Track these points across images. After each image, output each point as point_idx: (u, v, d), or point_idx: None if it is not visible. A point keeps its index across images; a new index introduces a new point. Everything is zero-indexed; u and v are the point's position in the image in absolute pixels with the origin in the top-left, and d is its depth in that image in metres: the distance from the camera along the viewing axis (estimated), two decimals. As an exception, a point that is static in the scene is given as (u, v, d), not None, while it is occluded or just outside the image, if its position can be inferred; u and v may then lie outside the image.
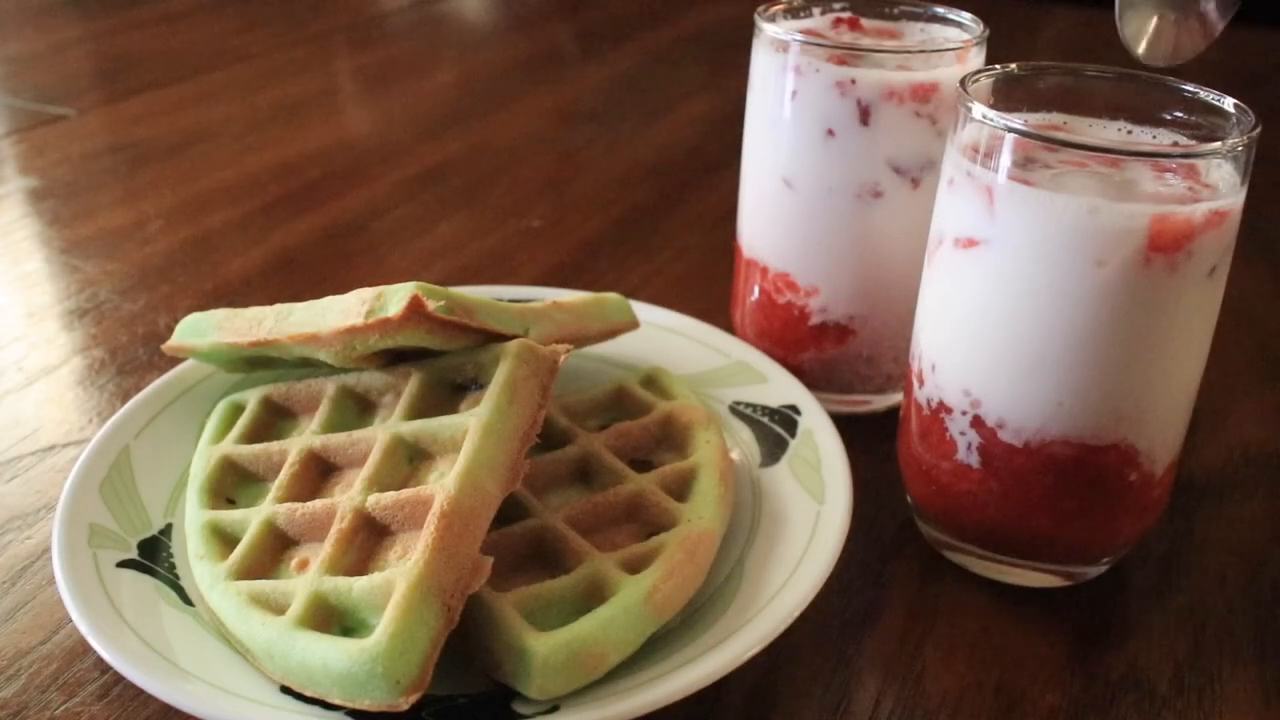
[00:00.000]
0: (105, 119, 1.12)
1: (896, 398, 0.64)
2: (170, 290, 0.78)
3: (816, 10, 0.63)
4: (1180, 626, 0.51)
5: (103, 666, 0.46)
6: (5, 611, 0.50)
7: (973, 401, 0.49)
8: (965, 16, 0.61)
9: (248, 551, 0.46)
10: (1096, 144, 0.44)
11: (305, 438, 0.49)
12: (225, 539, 0.47)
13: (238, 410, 0.54)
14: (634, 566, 0.45)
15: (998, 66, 0.51)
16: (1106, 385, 0.46)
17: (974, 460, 0.50)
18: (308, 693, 0.40)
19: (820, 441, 0.54)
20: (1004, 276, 0.46)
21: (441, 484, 0.43)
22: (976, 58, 0.58)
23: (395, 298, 0.46)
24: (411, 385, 0.49)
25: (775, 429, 0.56)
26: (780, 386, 0.59)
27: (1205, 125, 0.48)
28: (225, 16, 1.50)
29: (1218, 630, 0.51)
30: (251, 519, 0.47)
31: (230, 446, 0.51)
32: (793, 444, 0.55)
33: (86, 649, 0.47)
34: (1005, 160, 0.45)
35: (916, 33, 0.62)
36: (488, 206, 0.94)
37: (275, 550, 0.46)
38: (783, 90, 0.58)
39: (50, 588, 0.51)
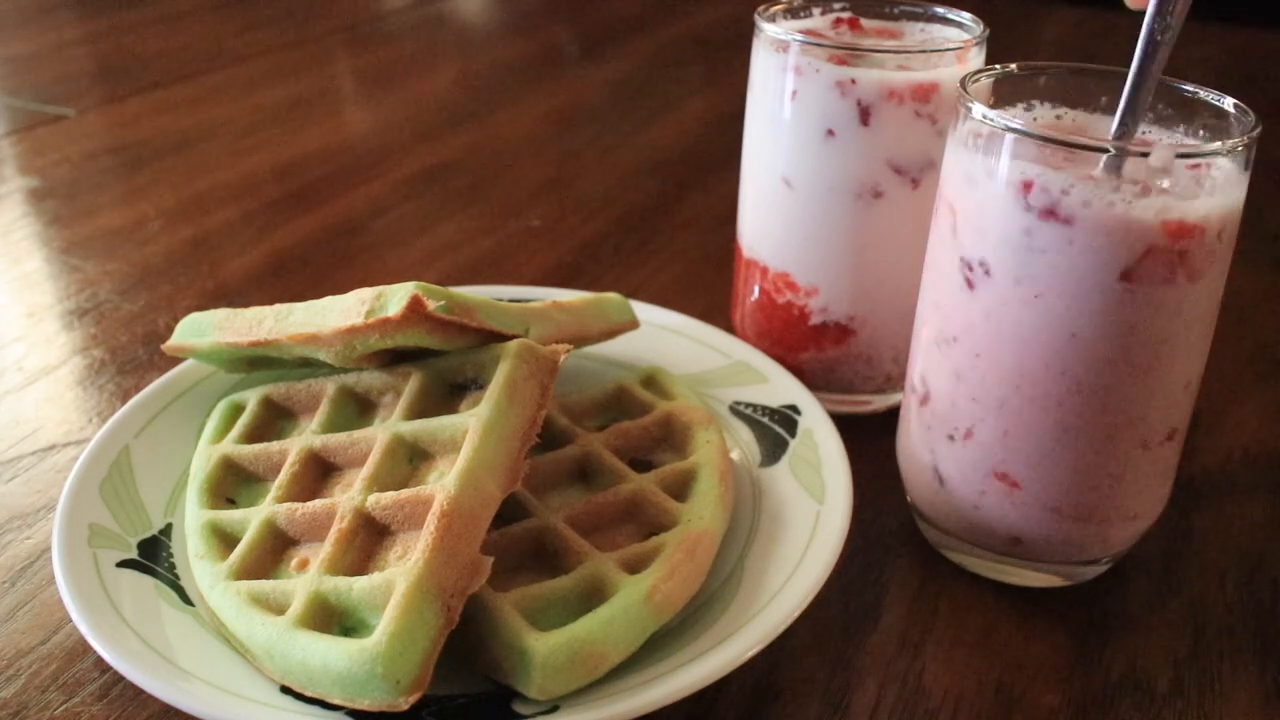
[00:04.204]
0: (105, 119, 1.12)
1: (896, 398, 0.64)
2: (170, 290, 0.78)
3: (816, 10, 0.63)
4: (1180, 626, 0.51)
5: (103, 666, 0.46)
6: (5, 611, 0.50)
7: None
8: (965, 16, 0.61)
9: (248, 551, 0.46)
10: (1096, 144, 0.44)
11: (305, 438, 0.49)
12: (225, 539, 0.47)
13: (238, 410, 0.54)
14: (634, 566, 0.45)
15: (998, 66, 0.51)
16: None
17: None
18: (308, 693, 0.41)
19: (820, 441, 0.54)
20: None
21: (441, 484, 0.43)
22: (976, 58, 0.58)
23: (395, 298, 0.46)
24: (411, 385, 0.49)
25: (775, 429, 0.56)
26: (780, 386, 0.59)
27: (1205, 125, 0.48)
28: (225, 16, 1.50)
29: (1218, 630, 0.51)
30: (251, 519, 0.47)
31: (230, 446, 0.51)
32: (793, 444, 0.55)
33: (86, 649, 0.47)
34: (1004, 161, 0.45)
35: (916, 33, 0.62)
36: (488, 206, 0.94)
37: (275, 550, 0.46)
38: (783, 90, 0.58)
39: (50, 588, 0.51)
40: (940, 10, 0.62)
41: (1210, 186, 0.44)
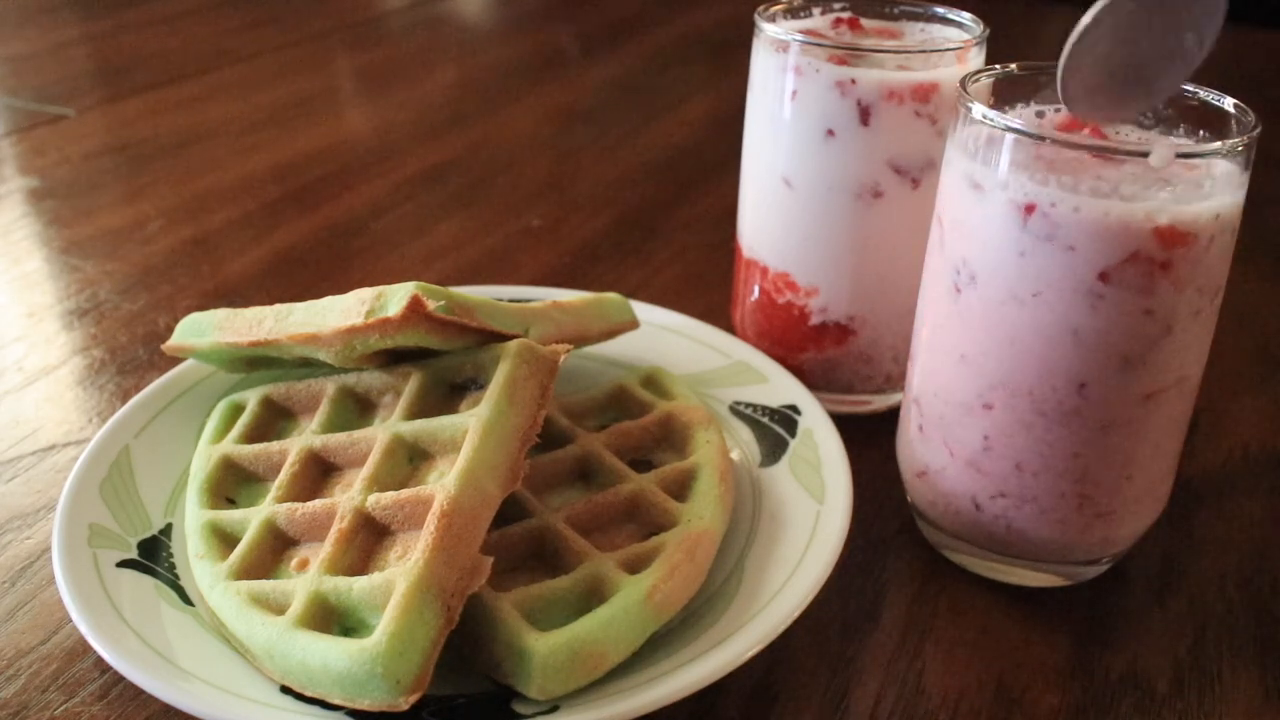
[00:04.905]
0: (105, 119, 1.12)
1: (896, 398, 0.64)
2: (170, 290, 0.78)
3: (816, 10, 0.63)
4: (1180, 626, 0.51)
5: (103, 666, 0.46)
6: (5, 611, 0.50)
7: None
8: (965, 16, 0.61)
9: (248, 551, 0.46)
10: (1097, 144, 0.44)
11: (305, 438, 0.49)
12: (225, 539, 0.47)
13: (238, 410, 0.54)
14: (634, 566, 0.45)
15: (998, 66, 0.51)
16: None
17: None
18: (308, 693, 0.40)
19: (820, 441, 0.54)
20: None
21: (441, 484, 0.43)
22: (976, 58, 0.58)
23: (395, 298, 0.46)
24: (411, 385, 0.49)
25: (775, 429, 0.56)
26: (780, 386, 0.59)
27: (1205, 125, 0.48)
28: (225, 16, 1.50)
29: (1218, 630, 0.51)
30: (251, 519, 0.47)
31: (230, 446, 0.51)
32: (793, 444, 0.55)
33: (86, 649, 0.47)
34: (1005, 160, 0.45)
35: (916, 33, 0.62)
36: (488, 206, 0.94)
37: (275, 550, 0.46)
38: (783, 90, 0.58)
39: (50, 588, 0.51)
40: (940, 10, 0.62)
41: (1210, 187, 0.44)
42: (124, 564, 0.47)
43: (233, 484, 0.51)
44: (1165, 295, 0.44)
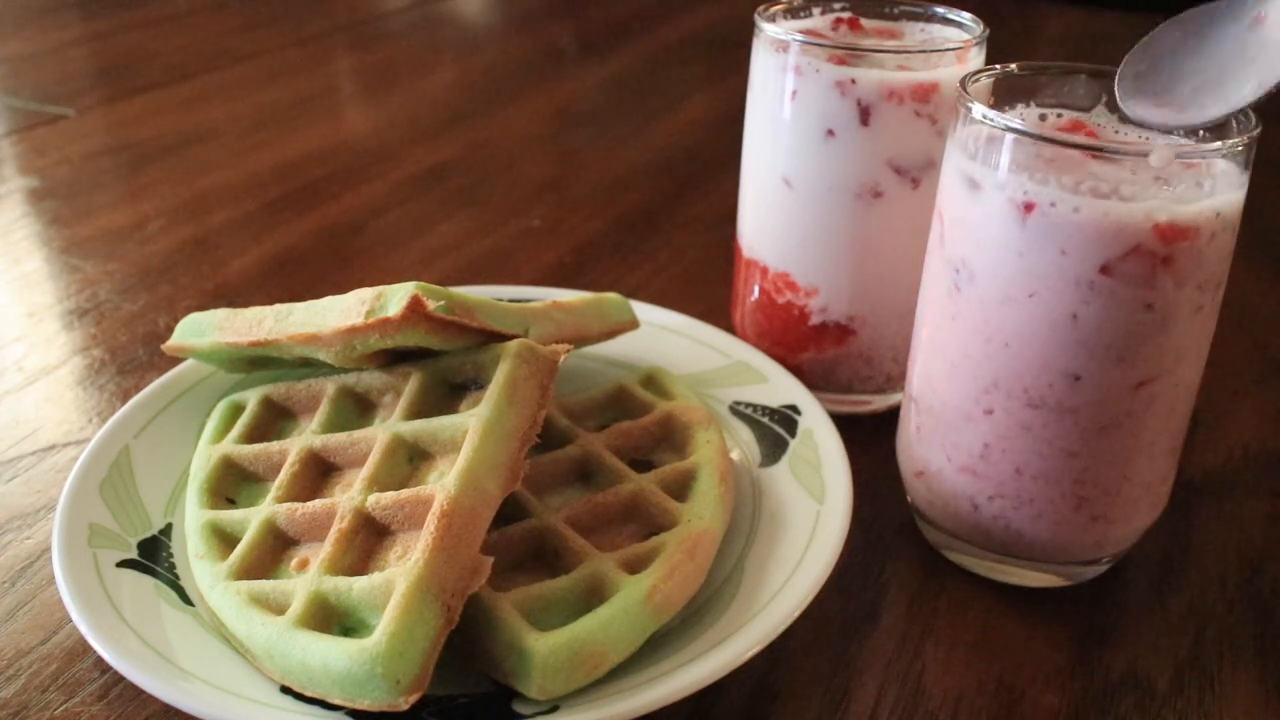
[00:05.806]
0: (105, 119, 1.12)
1: (896, 398, 0.64)
2: (170, 290, 0.78)
3: (816, 10, 0.63)
4: (1180, 626, 0.51)
5: (103, 666, 0.46)
6: (5, 611, 0.50)
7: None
8: (965, 16, 0.61)
9: (248, 551, 0.46)
10: (1097, 144, 0.44)
11: (305, 438, 0.49)
12: (225, 539, 0.47)
13: (238, 410, 0.54)
14: (634, 566, 0.45)
15: (998, 66, 0.51)
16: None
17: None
18: (308, 693, 0.41)
19: (820, 441, 0.54)
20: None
21: (441, 484, 0.43)
22: (976, 58, 0.58)
23: (395, 298, 0.46)
24: (411, 385, 0.49)
25: (775, 429, 0.56)
26: (780, 386, 0.59)
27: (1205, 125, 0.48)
28: (225, 16, 1.50)
29: (1218, 630, 0.51)
30: (251, 519, 0.47)
31: (230, 446, 0.51)
32: (793, 444, 0.55)
33: (86, 649, 0.47)
34: (1004, 160, 0.45)
35: (916, 33, 0.62)
36: (488, 206, 0.94)
37: (275, 550, 0.46)
38: (783, 90, 0.58)
39: (50, 588, 0.51)
40: (940, 10, 0.62)
41: (1210, 186, 0.44)
42: (124, 564, 0.47)
43: (233, 484, 0.51)
44: (1166, 289, 0.44)
